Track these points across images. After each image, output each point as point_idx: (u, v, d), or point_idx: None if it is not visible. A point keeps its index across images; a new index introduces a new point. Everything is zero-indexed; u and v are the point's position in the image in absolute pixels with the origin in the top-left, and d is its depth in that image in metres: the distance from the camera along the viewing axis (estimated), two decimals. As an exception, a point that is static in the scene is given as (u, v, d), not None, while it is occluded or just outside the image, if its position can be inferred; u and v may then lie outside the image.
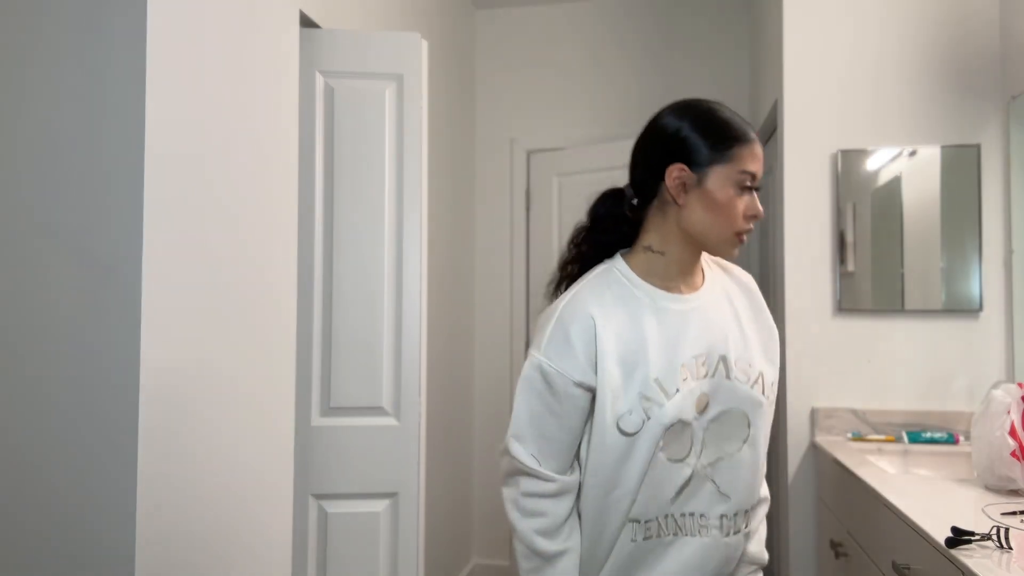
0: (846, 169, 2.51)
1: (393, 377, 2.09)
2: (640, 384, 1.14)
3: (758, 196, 1.18)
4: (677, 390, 1.14)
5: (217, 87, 1.52)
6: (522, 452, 1.18)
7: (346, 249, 2.08)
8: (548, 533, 1.18)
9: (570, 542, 1.19)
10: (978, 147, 2.42)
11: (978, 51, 2.46)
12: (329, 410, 2.06)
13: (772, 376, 1.23)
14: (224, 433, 1.54)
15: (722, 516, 1.18)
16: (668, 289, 1.20)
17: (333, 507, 2.06)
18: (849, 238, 2.50)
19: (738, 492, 1.19)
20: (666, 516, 1.16)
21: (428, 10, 3.06)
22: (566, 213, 3.61)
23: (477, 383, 3.72)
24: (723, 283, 1.27)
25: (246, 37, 1.63)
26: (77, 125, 1.31)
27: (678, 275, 1.21)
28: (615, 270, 1.22)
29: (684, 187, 1.16)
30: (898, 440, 2.38)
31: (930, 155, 2.45)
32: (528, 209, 3.73)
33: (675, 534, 1.17)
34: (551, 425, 1.17)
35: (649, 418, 1.13)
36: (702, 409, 1.16)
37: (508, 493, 1.21)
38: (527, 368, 1.19)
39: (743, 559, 1.25)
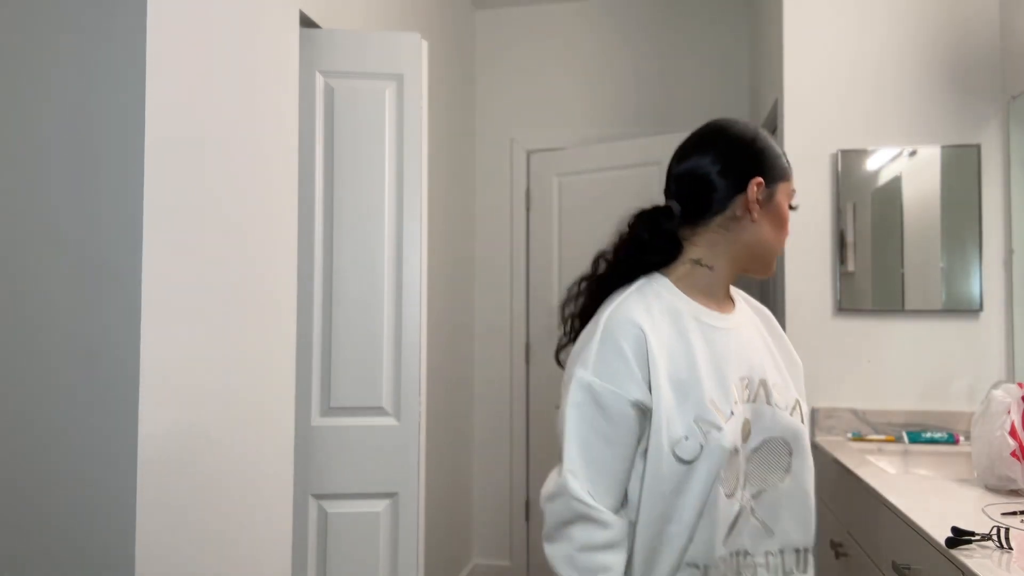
0: (846, 169, 2.51)
1: (393, 377, 2.09)
2: (695, 406, 1.05)
3: None
4: (732, 413, 1.06)
5: (217, 87, 1.52)
6: (579, 489, 1.03)
7: (346, 249, 2.08)
8: None
9: None
10: (978, 147, 2.42)
11: (978, 51, 2.46)
12: (329, 410, 2.06)
13: (806, 407, 1.19)
14: (224, 433, 1.53)
15: (767, 554, 1.10)
16: (710, 307, 1.14)
17: (333, 507, 2.06)
18: (849, 238, 2.50)
19: (782, 526, 1.12)
20: (720, 558, 1.06)
21: (428, 10, 3.06)
22: (566, 213, 3.61)
23: (477, 383, 3.72)
24: (748, 307, 1.24)
25: (246, 37, 1.63)
26: (77, 125, 1.31)
27: (720, 292, 1.17)
28: (656, 283, 1.13)
29: (759, 201, 1.13)
30: (898, 440, 2.38)
31: (930, 155, 2.45)
32: (528, 209, 3.73)
33: None
34: (605, 455, 1.04)
35: (708, 443, 1.03)
36: (745, 437, 1.09)
37: (559, 551, 1.04)
38: (574, 391, 1.06)
39: None
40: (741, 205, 1.12)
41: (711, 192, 1.13)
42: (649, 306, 1.09)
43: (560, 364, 1.18)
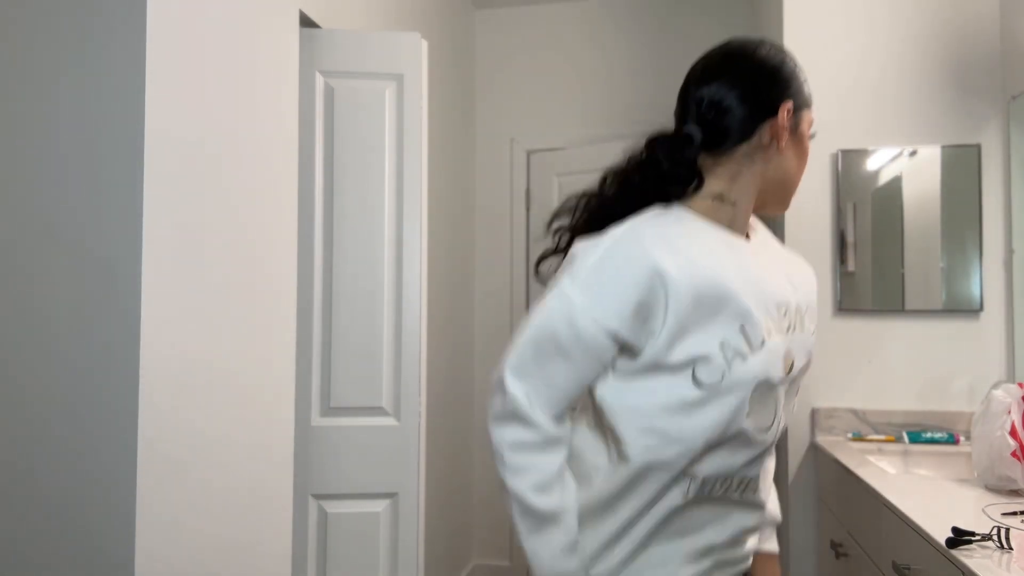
0: (846, 169, 2.51)
1: (393, 377, 2.09)
2: (722, 329, 0.96)
3: None
4: (763, 342, 0.98)
5: (217, 87, 1.52)
6: (517, 390, 1.00)
7: (346, 249, 2.08)
8: (542, 488, 1.00)
9: (566, 499, 1.02)
10: (978, 147, 2.42)
11: (978, 51, 2.46)
12: (329, 410, 2.06)
13: None
14: (224, 433, 1.53)
15: (764, 472, 1.09)
16: (738, 234, 1.07)
17: (333, 507, 2.06)
18: (849, 238, 2.50)
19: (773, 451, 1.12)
20: (726, 478, 1.01)
21: (428, 10, 3.06)
22: (566, 213, 3.61)
23: (477, 383, 3.72)
24: (767, 234, 1.17)
25: (246, 37, 1.63)
26: (77, 124, 1.31)
27: (741, 229, 1.08)
28: (676, 210, 1.04)
29: (786, 129, 1.04)
30: (898, 440, 2.38)
31: (930, 155, 2.45)
32: (528, 209, 3.73)
33: (725, 493, 1.03)
34: (559, 370, 0.99)
35: (730, 370, 0.95)
36: (789, 369, 1.02)
37: (497, 438, 1.03)
38: (552, 299, 0.99)
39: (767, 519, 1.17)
40: (768, 132, 1.03)
41: (737, 118, 1.03)
42: (666, 229, 1.00)
43: (538, 274, 1.10)
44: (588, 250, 0.99)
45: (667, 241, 0.98)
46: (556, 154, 3.66)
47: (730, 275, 0.98)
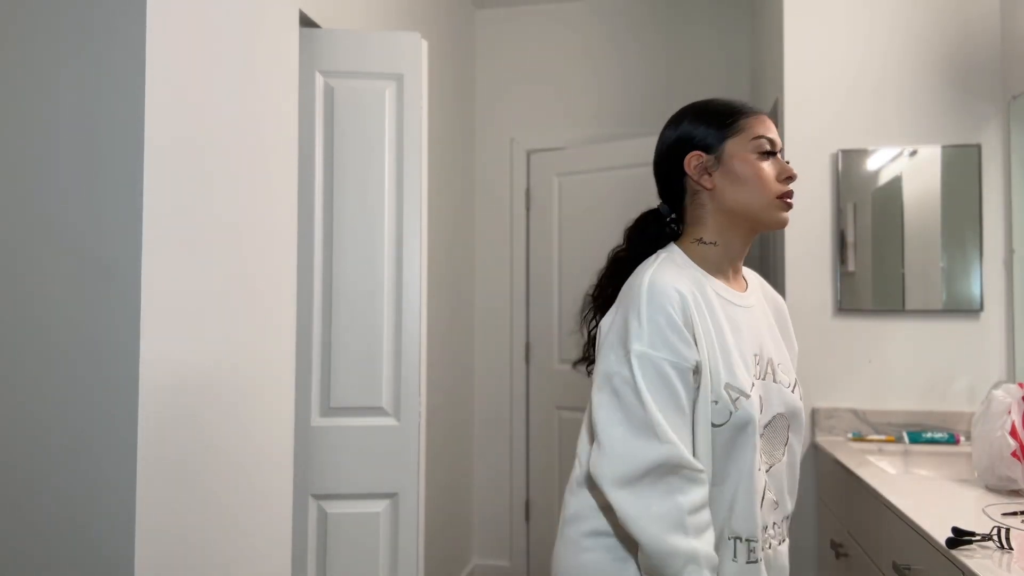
0: (846, 169, 2.51)
1: (393, 377, 2.09)
2: (725, 372, 1.06)
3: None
4: (752, 384, 1.10)
5: (217, 87, 1.52)
6: (687, 455, 1.01)
7: (346, 249, 2.08)
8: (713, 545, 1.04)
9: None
10: (978, 147, 2.42)
11: (978, 51, 2.46)
12: (329, 410, 2.06)
13: (800, 388, 1.23)
14: (224, 433, 1.53)
15: (774, 525, 1.16)
16: (725, 281, 1.18)
17: (333, 507, 2.06)
18: (849, 238, 2.50)
19: (783, 498, 1.18)
20: (763, 529, 1.10)
21: (428, 10, 3.06)
22: (566, 213, 3.61)
23: (477, 383, 3.72)
24: (760, 288, 1.28)
25: (246, 37, 1.63)
26: (77, 124, 1.31)
27: (729, 268, 1.19)
28: (679, 256, 1.17)
29: (706, 170, 1.16)
30: (898, 440, 2.38)
31: (930, 155, 2.45)
32: (528, 209, 3.73)
33: (763, 550, 1.11)
34: (680, 423, 1.04)
35: (737, 411, 1.05)
36: (759, 412, 1.11)
37: (669, 515, 1.00)
38: (638, 368, 1.03)
39: None
40: (690, 182, 1.18)
41: (667, 183, 1.22)
42: (680, 271, 1.12)
43: (589, 373, 1.18)
44: (631, 309, 1.07)
45: (682, 282, 1.10)
46: (556, 154, 3.65)
47: (722, 322, 1.11)
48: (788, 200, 1.16)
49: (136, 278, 1.28)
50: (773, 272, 2.91)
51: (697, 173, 1.16)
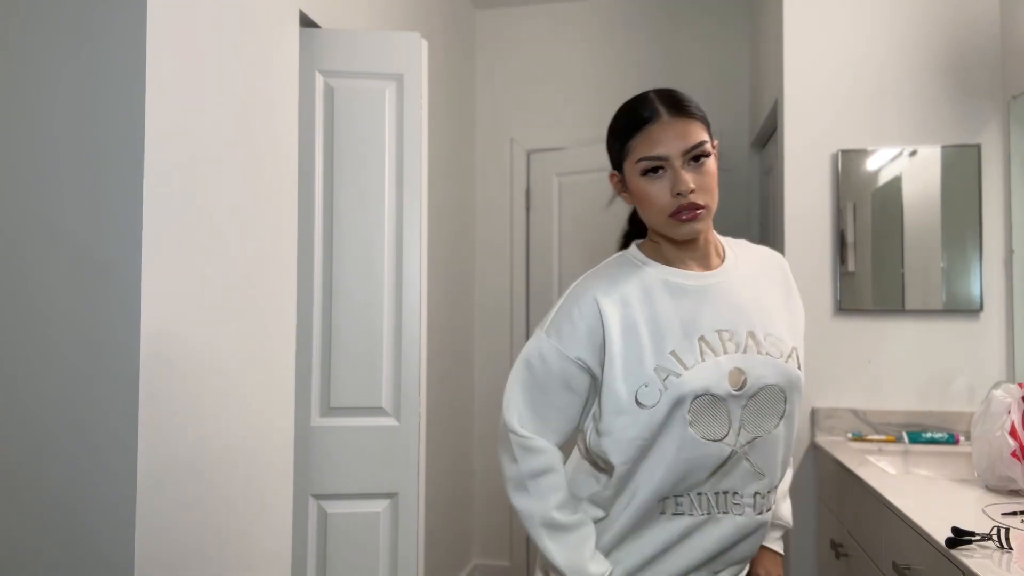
0: (846, 169, 2.51)
1: (393, 377, 2.09)
2: (656, 357, 1.14)
3: (703, 167, 1.16)
4: (697, 363, 1.14)
5: (217, 87, 1.52)
6: (515, 422, 1.21)
7: (346, 249, 2.08)
8: (563, 507, 1.20)
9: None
10: (978, 147, 2.42)
11: (978, 51, 2.46)
12: (329, 410, 2.06)
13: (800, 350, 1.24)
14: (224, 432, 1.53)
15: (756, 494, 1.19)
16: (681, 267, 1.22)
17: (333, 507, 2.06)
18: (849, 238, 2.50)
19: (771, 469, 1.20)
20: (699, 494, 1.16)
21: (428, 10, 3.06)
22: (566, 213, 3.61)
23: (477, 383, 3.72)
24: (749, 262, 1.28)
25: (246, 37, 1.63)
26: (77, 124, 1.31)
27: (687, 256, 1.23)
28: (627, 255, 1.27)
29: (623, 186, 1.24)
30: (898, 440, 2.38)
31: (930, 155, 2.45)
32: (528, 209, 3.73)
33: (708, 512, 1.17)
34: (541, 400, 1.21)
35: (666, 389, 1.13)
36: (739, 386, 1.15)
37: (512, 478, 1.22)
38: (529, 345, 1.23)
39: (775, 520, 1.31)
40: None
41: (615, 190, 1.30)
42: (612, 278, 1.22)
43: None
44: (554, 305, 1.24)
45: (610, 282, 1.21)
46: (556, 154, 3.65)
47: (660, 309, 1.18)
48: (682, 216, 1.15)
49: (136, 278, 1.29)
50: (773, 272, 2.91)
51: (617, 190, 1.25)
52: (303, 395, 2.02)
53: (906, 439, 2.35)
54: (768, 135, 3.15)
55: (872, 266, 2.49)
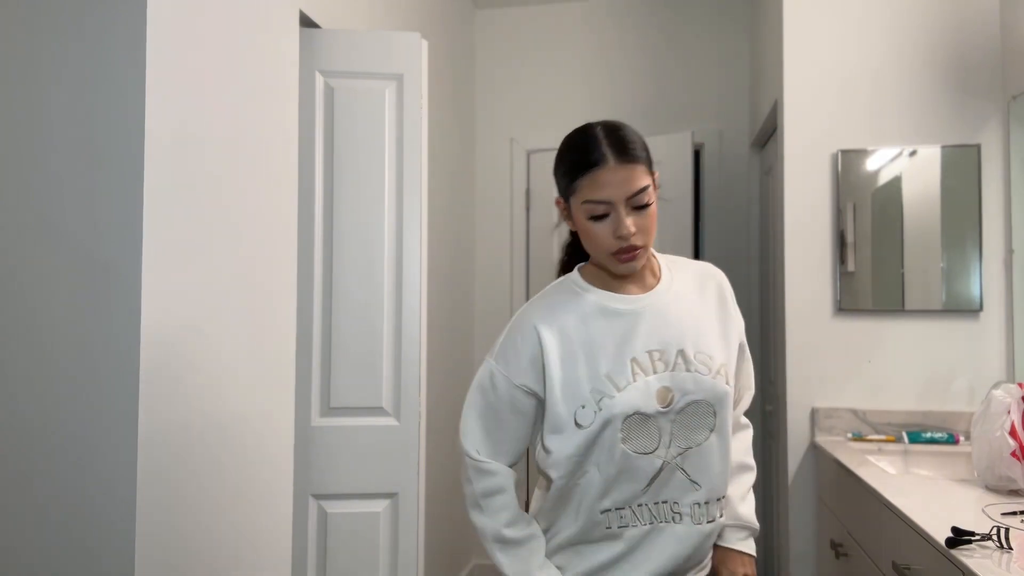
0: (846, 169, 2.51)
1: (393, 377, 2.09)
2: (591, 380, 1.21)
3: (644, 211, 1.20)
4: (628, 384, 1.21)
5: (217, 87, 1.52)
6: (469, 447, 1.30)
7: (346, 249, 2.08)
8: (512, 524, 1.29)
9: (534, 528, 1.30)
10: (978, 147, 2.42)
11: (978, 51, 2.46)
12: (329, 410, 2.06)
13: (731, 365, 1.29)
14: (224, 433, 1.53)
15: (694, 504, 1.23)
16: (616, 291, 1.28)
17: (333, 507, 2.06)
18: (849, 238, 2.50)
19: (709, 480, 1.24)
20: (640, 505, 1.22)
21: (428, 10, 3.06)
22: (566, 213, 3.61)
23: (477, 383, 3.72)
24: (683, 279, 1.32)
25: (246, 37, 1.63)
26: (77, 124, 1.31)
27: (625, 280, 1.28)
28: (569, 280, 1.33)
29: (568, 215, 1.27)
30: (898, 440, 2.38)
31: (930, 155, 2.45)
32: (528, 209, 3.73)
33: (651, 523, 1.22)
34: (493, 424, 1.29)
35: (601, 410, 1.20)
36: (667, 403, 1.21)
37: (468, 497, 1.34)
38: (480, 372, 1.30)
39: (735, 523, 1.33)
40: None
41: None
42: (551, 305, 1.29)
43: None
44: (502, 332, 1.31)
45: (549, 311, 1.28)
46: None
47: (596, 334, 1.24)
48: (622, 257, 1.21)
49: (136, 278, 1.29)
50: (773, 272, 2.91)
51: (563, 216, 1.29)
52: (303, 395, 2.02)
53: (906, 439, 2.35)
54: (768, 135, 3.15)
55: (872, 266, 2.49)
